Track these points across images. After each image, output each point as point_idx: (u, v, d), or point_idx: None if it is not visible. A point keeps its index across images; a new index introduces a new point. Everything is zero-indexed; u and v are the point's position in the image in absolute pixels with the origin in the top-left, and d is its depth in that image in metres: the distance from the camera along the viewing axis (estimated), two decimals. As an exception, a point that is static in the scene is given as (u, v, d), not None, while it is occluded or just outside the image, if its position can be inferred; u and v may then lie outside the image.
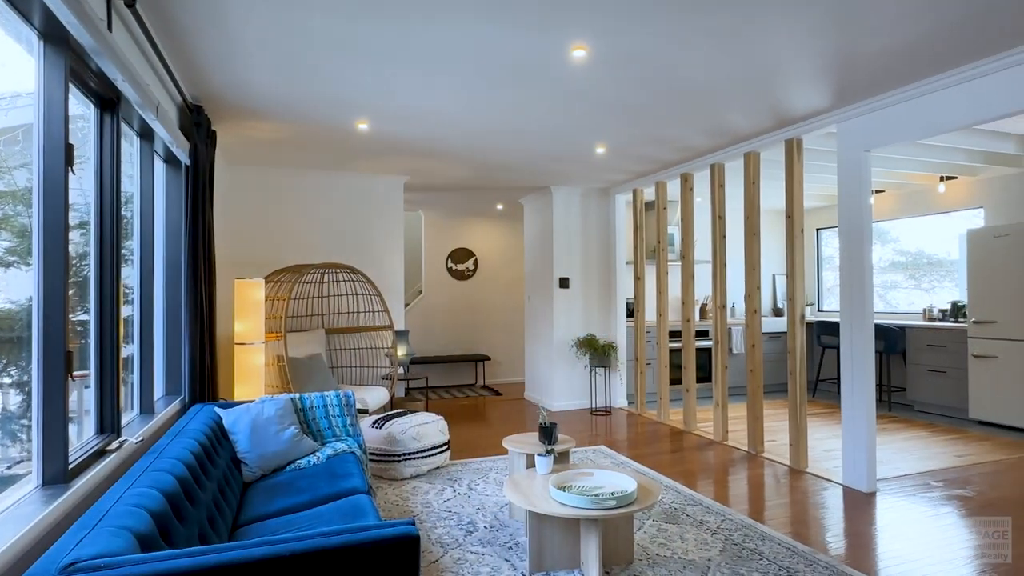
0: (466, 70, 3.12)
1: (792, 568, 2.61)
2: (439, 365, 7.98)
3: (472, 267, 8.45)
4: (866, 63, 3.08)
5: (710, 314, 5.10)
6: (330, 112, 3.80)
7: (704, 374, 6.26)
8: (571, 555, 2.59)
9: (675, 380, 6.07)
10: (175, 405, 3.18)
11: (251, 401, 3.08)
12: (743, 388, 5.21)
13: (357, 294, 5.51)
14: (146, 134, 2.91)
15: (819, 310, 7.78)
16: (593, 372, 6.32)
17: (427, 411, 4.71)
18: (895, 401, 6.33)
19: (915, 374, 6.11)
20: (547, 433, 2.90)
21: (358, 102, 3.62)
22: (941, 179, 6.19)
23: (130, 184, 2.90)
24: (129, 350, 2.84)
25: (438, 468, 4.13)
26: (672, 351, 6.12)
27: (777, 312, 7.70)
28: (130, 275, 2.88)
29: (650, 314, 6.56)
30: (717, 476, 4.08)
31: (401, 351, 5.61)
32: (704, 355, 6.34)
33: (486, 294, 8.49)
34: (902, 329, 6.18)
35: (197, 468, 2.09)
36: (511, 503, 3.07)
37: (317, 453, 2.99)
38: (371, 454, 3.92)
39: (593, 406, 6.36)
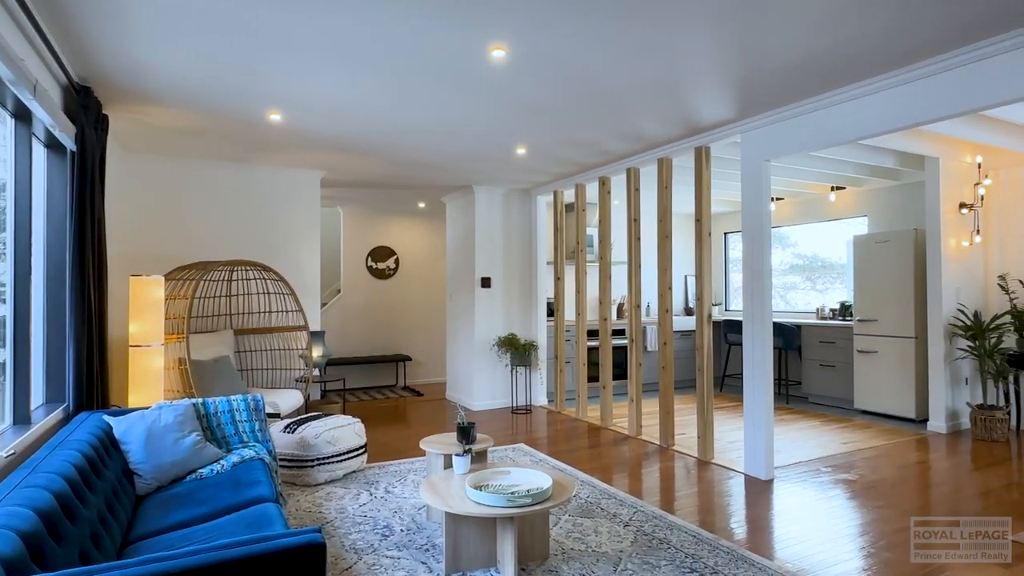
0: (384, 65, 3.05)
1: (697, 555, 2.74)
2: (358, 366, 7.78)
3: (393, 266, 8.30)
4: (766, 78, 3.29)
5: (627, 313, 5.27)
6: (238, 101, 3.60)
7: (620, 371, 6.47)
8: (488, 554, 2.60)
9: (593, 378, 6.23)
10: (57, 414, 2.89)
11: (147, 408, 2.86)
12: (656, 384, 5.43)
13: (269, 293, 5.26)
14: (22, 115, 2.63)
15: (726, 309, 8.25)
16: (514, 371, 6.38)
17: (344, 414, 4.58)
18: (792, 394, 6.82)
19: (809, 369, 6.61)
20: (465, 433, 2.90)
21: (269, 92, 3.45)
22: (832, 189, 6.73)
23: (3, 169, 2.62)
24: (1, 355, 2.56)
25: (354, 472, 4.02)
26: (590, 349, 6.28)
27: (689, 311, 8.09)
28: (3, 271, 2.60)
29: (570, 314, 6.71)
30: (631, 470, 4.22)
31: (317, 352, 5.41)
32: (621, 353, 6.55)
33: (408, 293, 8.36)
34: (798, 327, 6.67)
35: (79, 482, 1.91)
36: (428, 505, 3.03)
37: (221, 461, 2.83)
38: (282, 460, 3.75)
39: (514, 405, 6.41)
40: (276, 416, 4.31)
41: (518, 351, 6.22)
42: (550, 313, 6.72)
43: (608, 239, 5.57)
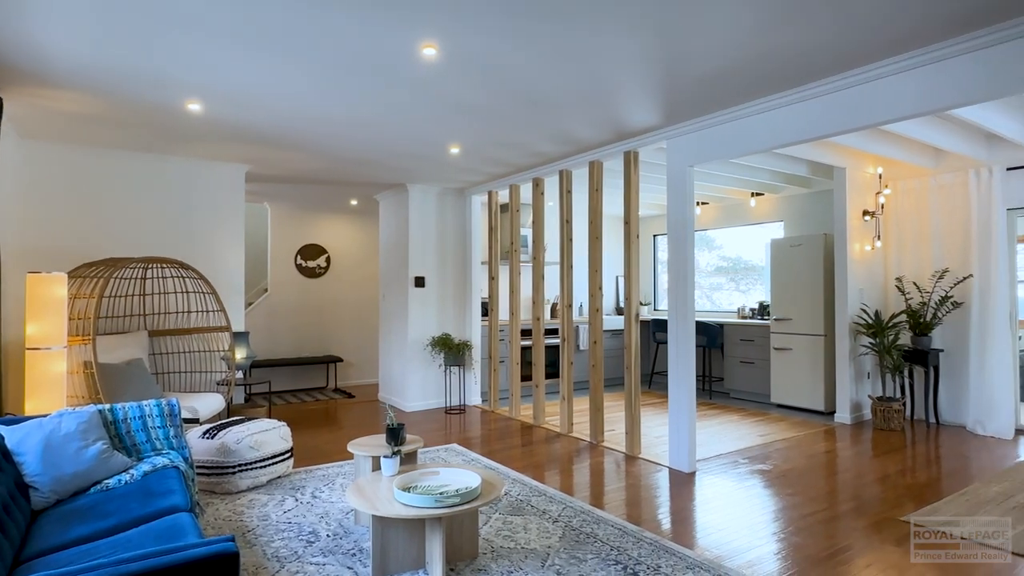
0: (313, 59, 2.96)
1: (622, 547, 2.83)
2: (286, 368, 7.52)
3: (324, 264, 8.07)
4: (689, 87, 3.44)
5: (560, 313, 5.36)
6: (152, 89, 3.40)
7: (553, 370, 6.57)
8: (416, 556, 2.58)
9: (526, 377, 6.30)
10: (-61, 424, 2.63)
11: (45, 416, 2.65)
12: (587, 383, 5.54)
13: (188, 292, 4.99)
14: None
15: (655, 309, 8.54)
16: (448, 371, 6.35)
17: (269, 417, 4.40)
18: (715, 390, 7.14)
19: (731, 365, 6.94)
20: (394, 434, 2.86)
21: (187, 80, 3.28)
22: (752, 195, 7.10)
23: None
24: None
25: (279, 478, 3.88)
26: (524, 349, 6.35)
27: (620, 311, 8.31)
28: None
29: (504, 313, 6.75)
30: (562, 466, 4.30)
31: (240, 354, 5.19)
32: (553, 352, 6.66)
33: (339, 293, 8.15)
34: (721, 326, 6.99)
35: (-38, 498, 1.75)
36: (355, 509, 2.97)
37: (131, 471, 2.66)
38: (201, 467, 3.57)
39: (448, 405, 6.38)
40: (195, 421, 4.10)
41: (452, 351, 6.19)
42: (484, 313, 6.73)
43: (542, 240, 5.65)
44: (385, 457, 2.72)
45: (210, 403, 4.43)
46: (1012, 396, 5.07)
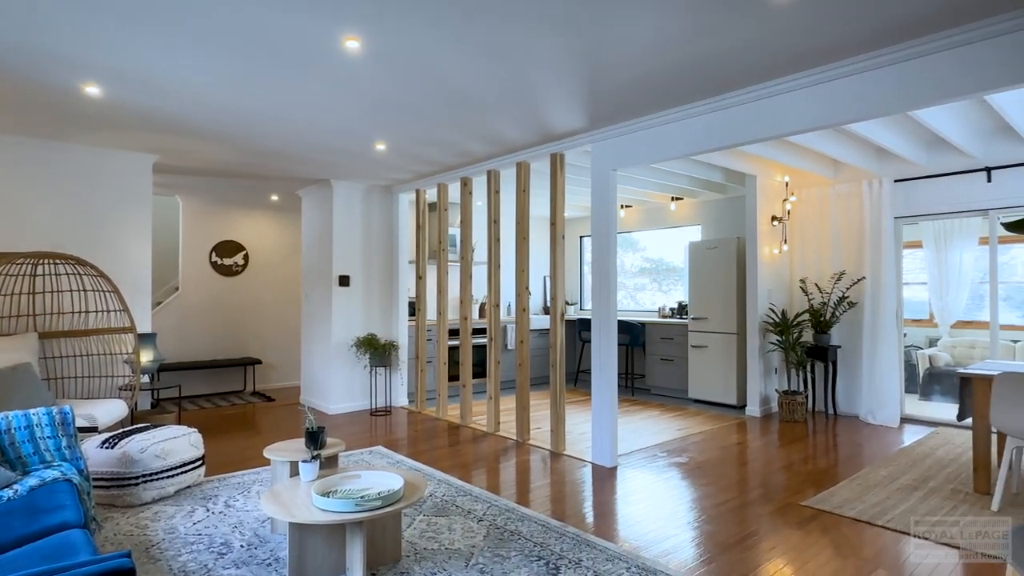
0: (227, 44, 2.82)
1: (545, 543, 2.87)
2: (200, 371, 7.11)
3: (242, 262, 7.69)
4: (611, 93, 3.54)
5: (487, 312, 5.37)
6: (45, 68, 3.12)
7: (481, 370, 6.58)
8: (336, 562, 2.51)
9: (454, 377, 6.28)
10: None
11: (-90, 427, 2.38)
12: (515, 382, 5.58)
13: (85, 290, 4.62)
14: None
15: (581, 308, 8.73)
16: (374, 372, 6.22)
17: (179, 424, 4.15)
18: (637, 387, 7.39)
19: (652, 363, 7.21)
20: (313, 438, 2.77)
21: (84, 60, 3.03)
22: (672, 199, 7.41)
23: None
24: None
25: (189, 488, 3.66)
26: (451, 349, 6.32)
27: (547, 311, 8.44)
28: None
29: (431, 313, 6.69)
30: (488, 466, 4.31)
31: (146, 357, 4.86)
32: (481, 352, 6.66)
33: (258, 292, 7.79)
34: (643, 325, 7.25)
35: None
36: (271, 517, 2.85)
37: (15, 486, 2.43)
38: (99, 480, 3.31)
39: (373, 407, 6.26)
40: (92, 430, 3.80)
41: (378, 351, 6.07)
42: (412, 312, 6.64)
43: (470, 239, 5.64)
44: (304, 462, 2.63)
45: (111, 410, 4.12)
46: (898, 388, 5.57)
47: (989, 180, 5.08)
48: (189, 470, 3.64)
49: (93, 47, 2.85)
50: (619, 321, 6.91)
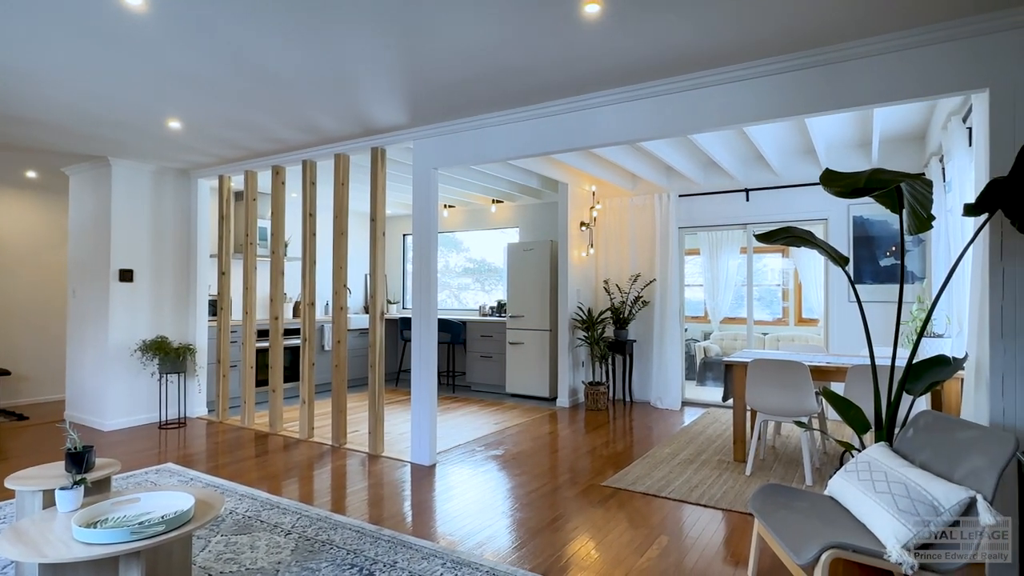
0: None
1: (359, 549, 2.77)
2: (-86, 387, 5.62)
3: (-18, 251, 6.25)
4: (433, 93, 3.54)
5: (302, 312, 5.04)
6: None
7: (294, 373, 6.16)
8: (106, 603, 2.14)
9: (262, 382, 5.80)
10: None
11: None
12: (331, 384, 5.32)
13: None
14: None
15: (404, 307, 8.63)
16: (164, 380, 5.48)
17: None
18: (458, 384, 7.52)
19: (472, 360, 7.38)
20: (77, 460, 2.33)
21: None
22: (493, 202, 7.67)
23: None
24: None
25: None
26: (260, 351, 5.82)
27: (368, 309, 8.19)
28: None
29: (237, 312, 6.10)
30: (300, 474, 4.05)
31: None
32: (295, 354, 6.24)
33: (8, 288, 6.40)
34: (464, 323, 7.39)
35: None
36: (13, 560, 2.35)
37: None
38: None
39: (164, 419, 5.51)
40: None
41: (170, 356, 5.36)
42: (213, 312, 5.98)
43: (282, 233, 5.24)
44: (62, 489, 2.21)
45: None
46: (680, 376, 6.41)
47: (748, 199, 6.08)
48: None
49: None
50: (440, 319, 6.97)
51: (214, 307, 6.02)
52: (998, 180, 2.17)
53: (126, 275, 5.40)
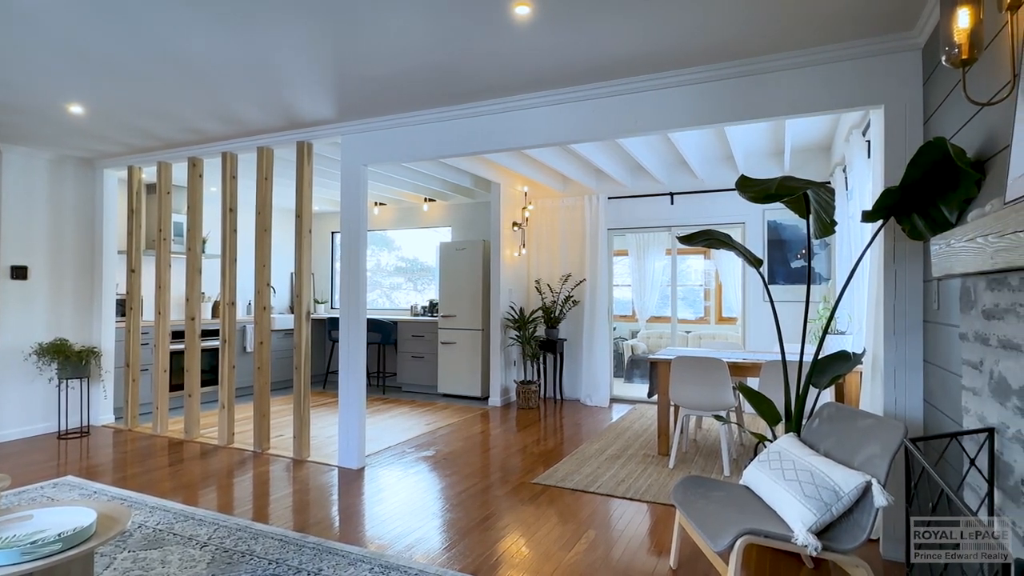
0: None
1: (282, 558, 2.67)
2: None
3: None
4: (362, 86, 3.46)
5: (221, 312, 4.79)
6: None
7: (213, 376, 5.86)
8: (-8, 631, 1.95)
9: (177, 386, 5.47)
10: None
11: None
12: (253, 387, 5.09)
13: None
14: None
15: (332, 307, 8.39)
16: (65, 386, 5.05)
17: None
18: (388, 384, 7.39)
19: (403, 360, 7.27)
20: (-42, 476, 2.11)
21: None
22: (425, 200, 7.58)
23: None
24: None
25: None
26: (175, 354, 5.49)
27: (293, 309, 7.89)
28: None
29: (148, 313, 5.72)
30: (219, 483, 3.84)
31: None
32: (214, 356, 5.93)
33: None
34: (395, 323, 7.27)
35: None
36: None
37: None
38: None
39: (64, 428, 5.08)
40: None
41: (71, 360, 4.95)
42: (122, 312, 5.58)
43: (200, 228, 4.96)
44: (-60, 509, 1.99)
45: None
46: (608, 374, 6.58)
47: (672, 203, 6.32)
48: None
49: None
50: (371, 319, 6.82)
51: (123, 307, 5.62)
52: (891, 189, 2.36)
53: (19, 272, 4.95)
